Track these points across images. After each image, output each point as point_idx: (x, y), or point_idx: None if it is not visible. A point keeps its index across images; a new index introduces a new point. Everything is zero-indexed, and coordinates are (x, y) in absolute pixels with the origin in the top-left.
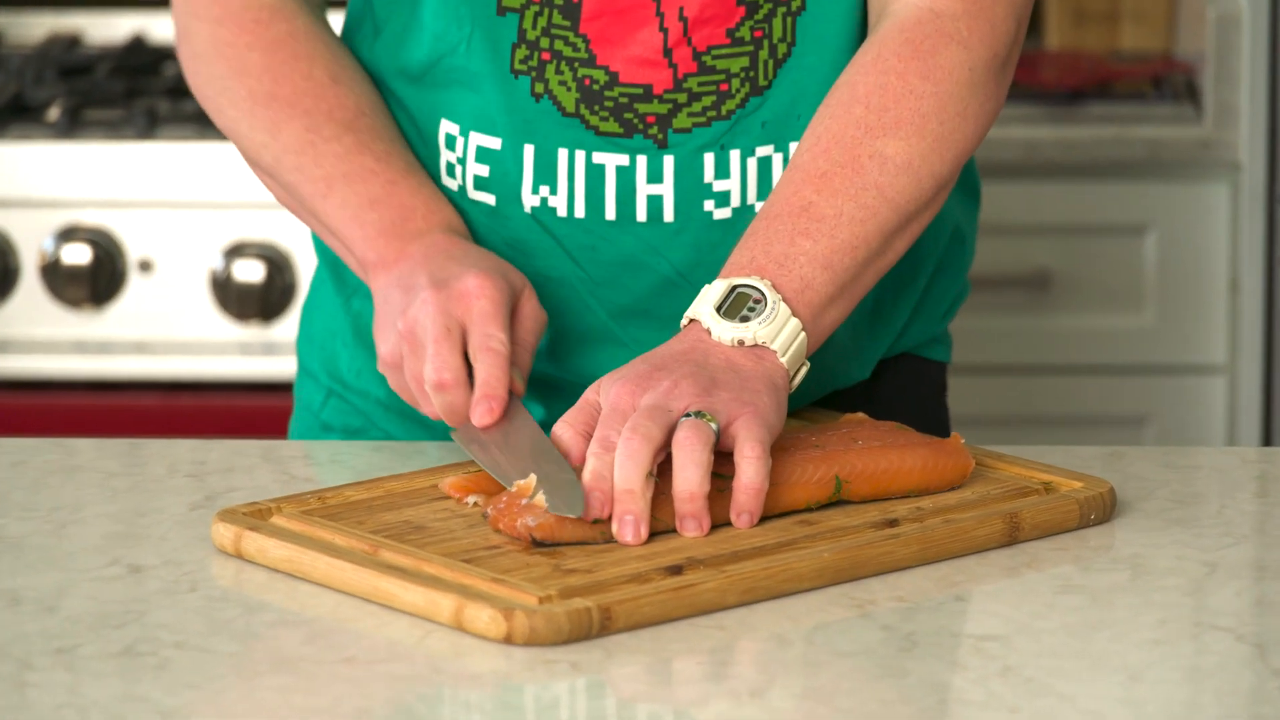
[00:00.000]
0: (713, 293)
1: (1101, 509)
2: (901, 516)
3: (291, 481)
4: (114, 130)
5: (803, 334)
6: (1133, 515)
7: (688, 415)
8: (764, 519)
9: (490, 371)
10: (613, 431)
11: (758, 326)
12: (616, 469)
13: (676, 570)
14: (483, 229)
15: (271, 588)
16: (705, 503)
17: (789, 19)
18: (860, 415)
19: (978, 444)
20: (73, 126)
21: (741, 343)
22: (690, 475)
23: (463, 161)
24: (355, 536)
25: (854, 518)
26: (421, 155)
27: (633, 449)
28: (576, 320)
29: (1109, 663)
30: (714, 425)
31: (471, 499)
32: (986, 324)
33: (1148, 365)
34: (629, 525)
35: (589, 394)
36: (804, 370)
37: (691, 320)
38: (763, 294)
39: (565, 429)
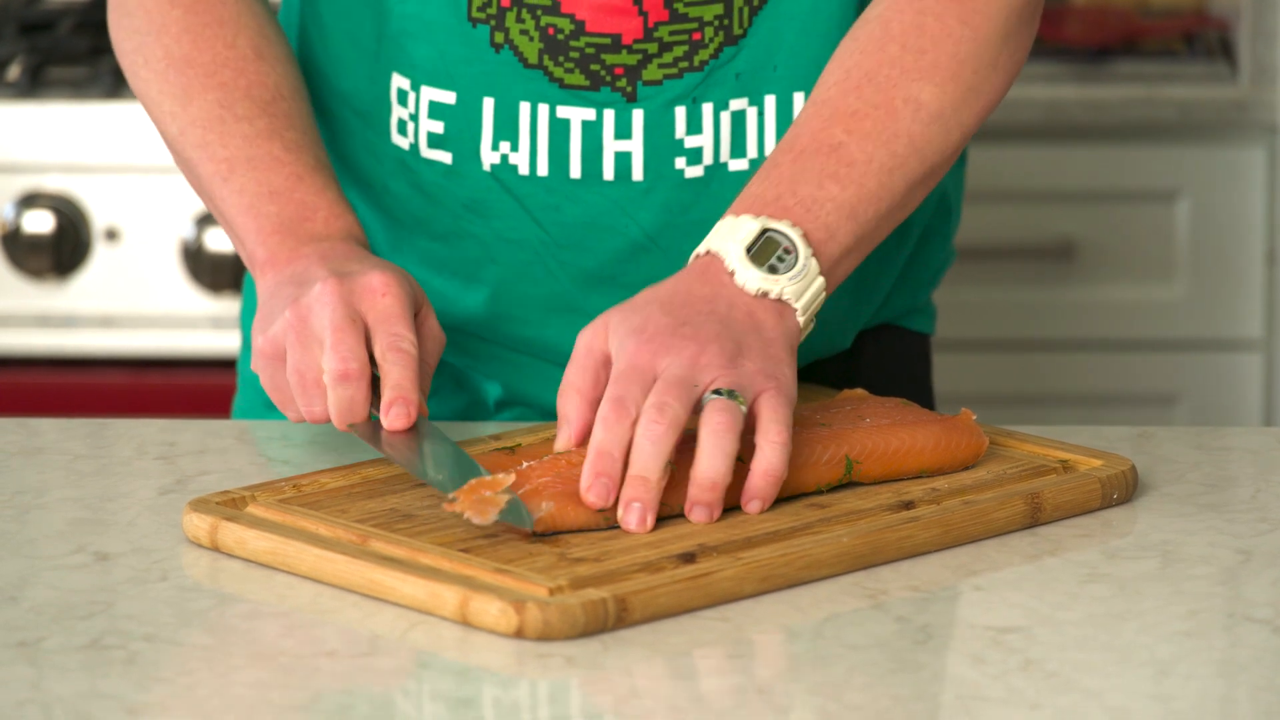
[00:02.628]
0: (743, 231)
1: (1124, 487)
2: (917, 498)
3: (268, 464)
4: (78, 90)
5: (823, 294)
6: (1162, 499)
7: (717, 393)
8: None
9: (403, 373)
10: (628, 393)
11: (788, 282)
12: (635, 452)
13: (689, 558)
14: (437, 190)
15: (247, 577)
16: (724, 493)
17: None
18: (860, 391)
19: (997, 423)
20: (34, 86)
21: (765, 295)
22: (717, 465)
23: (415, 118)
24: (340, 526)
25: (867, 500)
26: (371, 113)
27: (656, 435)
28: (536, 287)
29: (1137, 656)
30: (744, 407)
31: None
32: (1006, 296)
33: (1178, 340)
34: (635, 513)
35: (593, 343)
36: (809, 329)
37: (710, 253)
38: (794, 245)
39: (573, 396)
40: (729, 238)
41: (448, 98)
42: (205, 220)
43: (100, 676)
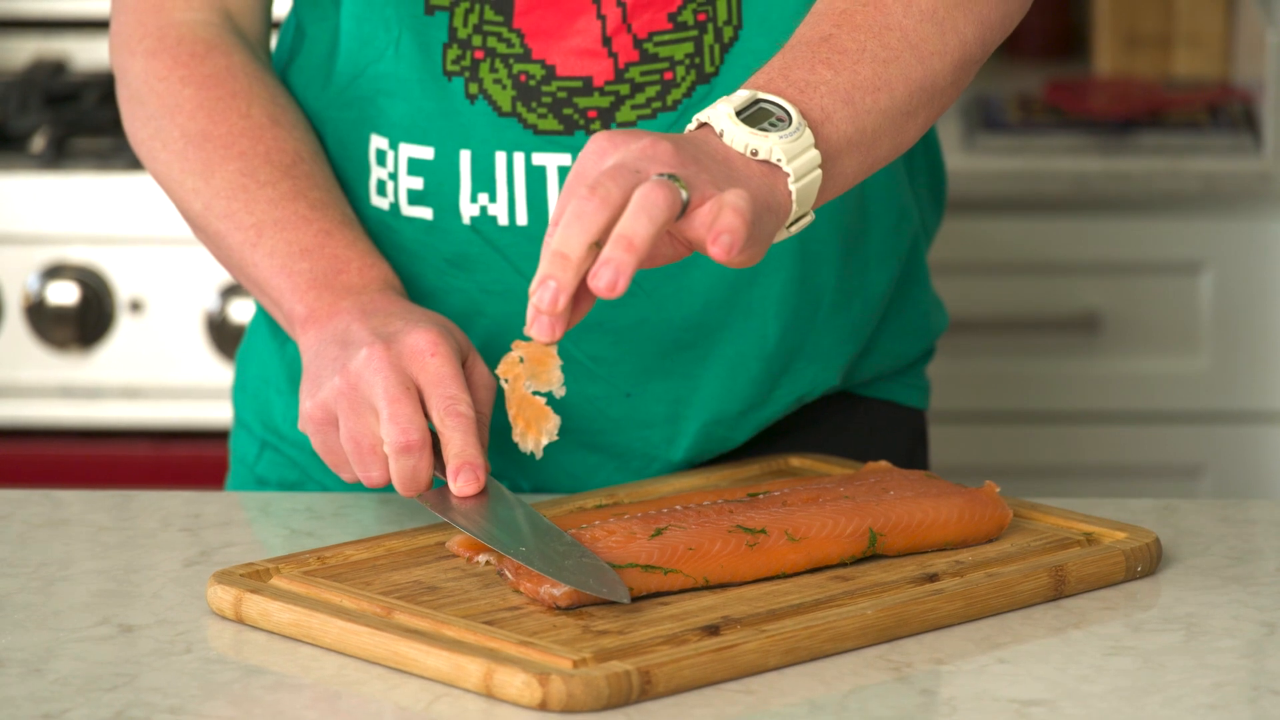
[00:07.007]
0: (735, 100)
1: (1148, 560)
2: (941, 570)
3: (292, 536)
4: (102, 161)
5: (819, 170)
6: (1186, 572)
7: (659, 176)
8: (797, 574)
9: (465, 439)
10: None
11: (778, 139)
12: (559, 230)
13: (714, 630)
14: (420, 246)
15: (271, 649)
16: (641, 255)
17: None
18: (884, 464)
19: (1021, 495)
20: (58, 157)
21: (755, 154)
22: (639, 225)
23: (394, 177)
24: (365, 598)
25: (891, 573)
26: (350, 176)
27: (584, 211)
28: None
29: None
30: (685, 193)
31: (483, 558)
32: (1030, 368)
33: (1203, 412)
34: (549, 291)
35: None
36: (805, 221)
37: (699, 124)
38: (787, 113)
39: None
40: (719, 104)
41: (426, 153)
42: (229, 292)
43: None
